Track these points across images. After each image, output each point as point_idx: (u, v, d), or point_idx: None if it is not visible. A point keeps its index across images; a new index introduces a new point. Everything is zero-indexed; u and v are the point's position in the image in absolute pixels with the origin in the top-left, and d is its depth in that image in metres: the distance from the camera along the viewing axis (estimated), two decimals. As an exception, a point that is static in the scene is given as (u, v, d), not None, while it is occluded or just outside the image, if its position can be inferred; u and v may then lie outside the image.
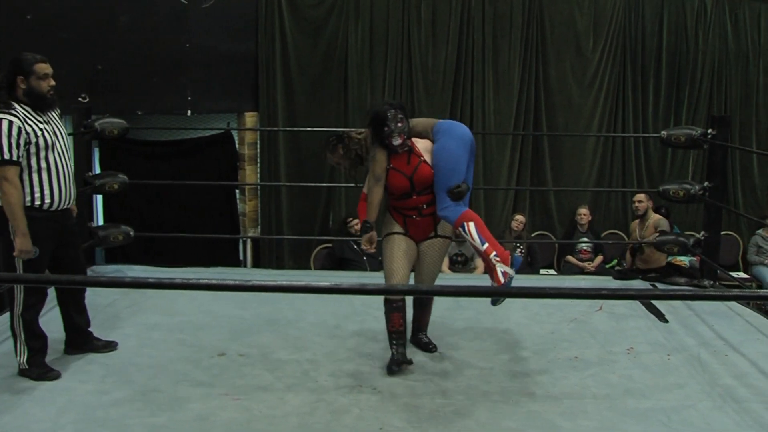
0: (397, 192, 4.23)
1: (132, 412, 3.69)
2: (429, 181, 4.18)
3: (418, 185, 4.19)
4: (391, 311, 4.25)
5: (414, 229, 4.30)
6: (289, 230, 8.21)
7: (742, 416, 3.74)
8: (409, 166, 4.19)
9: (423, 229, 4.30)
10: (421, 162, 4.18)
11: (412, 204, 4.24)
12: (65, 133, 4.19)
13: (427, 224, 4.30)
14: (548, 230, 8.68)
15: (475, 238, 4.02)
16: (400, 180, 4.19)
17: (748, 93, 8.71)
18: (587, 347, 4.66)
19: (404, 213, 4.28)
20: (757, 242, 8.72)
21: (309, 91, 8.11)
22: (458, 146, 4.14)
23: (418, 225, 4.28)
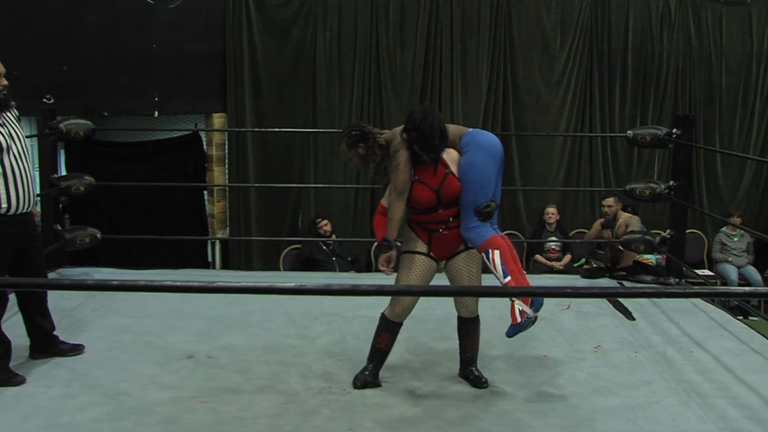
0: (421, 206, 3.89)
1: (99, 416, 3.66)
2: (456, 194, 3.85)
3: (444, 198, 3.86)
4: (384, 329, 4.02)
5: (439, 246, 3.95)
6: (258, 231, 8.18)
7: (707, 412, 3.79)
8: (436, 178, 3.85)
9: (450, 244, 3.96)
10: (448, 174, 3.85)
11: (438, 218, 3.90)
12: (23, 135, 4.12)
13: (455, 238, 3.94)
14: (517, 230, 8.74)
15: (498, 268, 3.73)
16: (425, 193, 3.85)
17: (711, 93, 8.83)
18: (555, 345, 4.70)
19: (429, 228, 3.93)
20: (721, 240, 8.86)
21: (277, 91, 8.08)
22: (487, 160, 3.85)
23: (445, 240, 3.94)
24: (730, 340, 4.86)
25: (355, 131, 4.01)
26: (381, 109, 8.25)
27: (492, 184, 3.85)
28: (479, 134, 3.95)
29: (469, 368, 4.14)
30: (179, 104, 7.90)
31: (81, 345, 4.46)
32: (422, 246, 3.95)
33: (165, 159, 8.24)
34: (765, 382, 4.15)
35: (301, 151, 8.23)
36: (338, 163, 8.19)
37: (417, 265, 3.93)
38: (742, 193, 9.04)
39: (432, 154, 3.81)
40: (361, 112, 8.20)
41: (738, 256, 8.79)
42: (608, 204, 7.49)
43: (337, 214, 8.27)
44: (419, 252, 3.94)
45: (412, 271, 3.92)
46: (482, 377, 4.10)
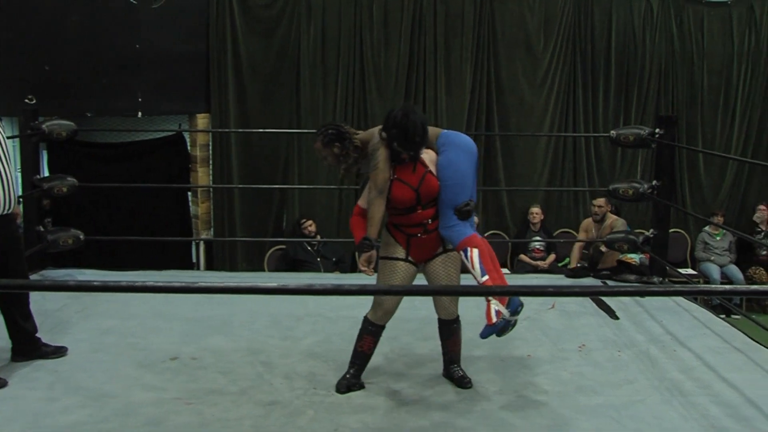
0: (401, 206, 3.84)
1: (82, 418, 3.64)
2: (435, 193, 3.83)
3: (424, 198, 3.82)
4: (366, 332, 3.99)
5: (418, 250, 3.92)
6: (243, 232, 8.16)
7: (689, 410, 3.82)
8: (415, 177, 3.81)
9: (428, 247, 3.93)
10: (427, 173, 3.82)
11: (417, 219, 3.86)
12: (4, 136, 4.09)
13: (434, 241, 3.91)
14: (501, 230, 8.76)
15: (476, 267, 3.68)
16: (405, 192, 3.81)
17: (693, 93, 8.90)
18: (540, 345, 4.72)
19: (407, 232, 3.90)
20: (704, 239, 8.93)
21: (261, 92, 8.07)
22: (465, 160, 3.83)
23: (424, 244, 3.91)
24: (713, 338, 4.89)
25: (332, 130, 3.97)
26: (365, 110, 8.26)
27: (470, 183, 3.84)
28: (454, 135, 3.94)
29: (453, 368, 4.13)
30: (163, 105, 7.86)
31: (64, 347, 4.43)
32: (401, 251, 3.92)
33: (149, 160, 8.21)
34: (746, 380, 4.18)
35: (285, 151, 8.22)
36: (322, 164, 8.16)
37: (397, 272, 3.91)
38: (724, 193, 9.12)
39: (412, 152, 3.80)
40: (345, 113, 8.20)
41: (720, 255, 8.85)
42: (599, 204, 7.48)
43: (322, 214, 8.26)
44: (397, 258, 3.92)
45: (392, 278, 3.90)
46: (466, 377, 4.09)
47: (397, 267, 3.91)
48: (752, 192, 9.24)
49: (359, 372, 4.04)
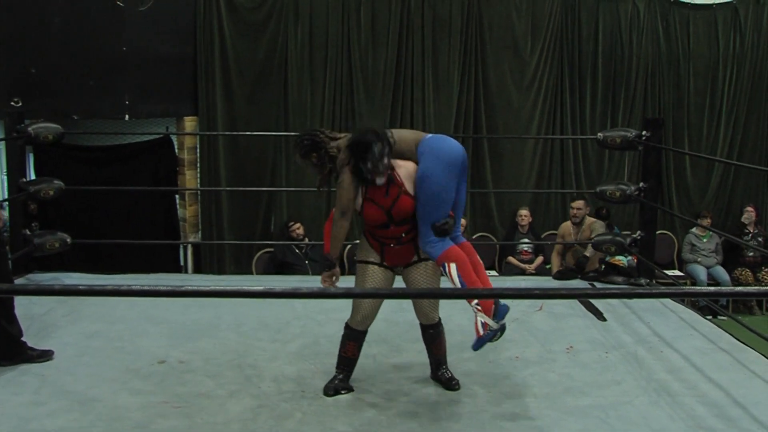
0: (373, 223, 3.82)
1: (69, 423, 3.62)
2: (409, 213, 3.74)
3: (396, 217, 3.76)
4: (348, 338, 4.00)
5: (392, 257, 3.91)
6: (230, 235, 8.14)
7: (676, 410, 3.84)
8: (387, 199, 3.73)
9: (402, 256, 3.91)
10: (402, 193, 3.72)
11: (390, 234, 3.83)
12: None
13: (407, 251, 3.89)
14: (489, 232, 8.78)
15: (455, 281, 3.60)
16: (376, 212, 3.76)
17: (680, 96, 8.95)
18: (528, 346, 4.73)
19: (381, 240, 3.87)
20: (690, 241, 8.97)
21: (249, 94, 8.05)
22: (444, 171, 3.66)
23: (398, 253, 3.89)
24: (699, 339, 4.92)
25: (307, 140, 3.91)
26: (353, 111, 8.25)
27: (450, 197, 3.72)
28: (437, 141, 3.79)
29: (441, 371, 4.13)
30: (150, 107, 7.83)
31: (50, 351, 4.40)
32: (375, 256, 3.93)
33: (136, 163, 8.16)
34: (732, 381, 4.21)
35: (273, 154, 8.20)
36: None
37: (371, 276, 3.91)
38: (711, 194, 9.18)
39: (367, 180, 3.69)
40: (333, 115, 8.19)
41: (707, 257, 8.90)
42: (578, 206, 7.53)
43: (310, 217, 8.24)
44: (372, 262, 3.93)
45: (367, 282, 3.91)
46: (454, 379, 4.09)
47: (370, 270, 3.92)
48: (738, 193, 9.30)
49: (347, 376, 4.04)
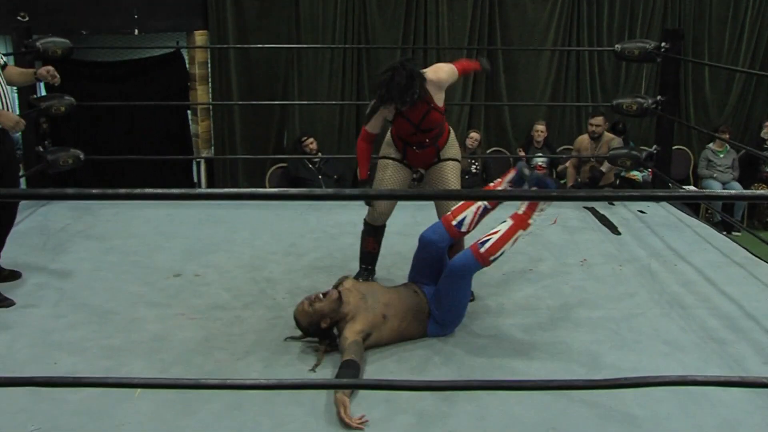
0: (400, 134, 3.96)
1: (89, 334, 3.68)
2: (436, 124, 3.87)
3: (424, 127, 3.87)
4: (367, 233, 4.19)
5: (413, 159, 4.04)
6: (243, 150, 8.12)
7: (688, 322, 3.86)
8: (416, 114, 3.81)
9: (424, 158, 4.03)
10: (431, 110, 3.83)
11: (415, 140, 3.94)
12: None
13: (429, 154, 4.00)
14: (503, 146, 8.71)
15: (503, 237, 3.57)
16: (405, 126, 3.88)
17: (701, 7, 8.70)
18: (541, 260, 4.74)
19: (405, 142, 3.97)
20: (707, 156, 8.88)
21: (259, 7, 7.90)
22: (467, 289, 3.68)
23: (419, 156, 4.01)
24: (714, 253, 4.91)
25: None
26: (365, 24, 8.09)
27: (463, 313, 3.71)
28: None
29: None
30: (159, 22, 7.70)
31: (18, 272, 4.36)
32: (397, 153, 4.05)
33: (146, 78, 8.09)
34: (745, 293, 4.22)
35: (285, 68, 8.10)
36: (323, 80, 8.09)
37: (391, 171, 4.04)
38: (729, 109, 9.02)
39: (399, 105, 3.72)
40: (345, 28, 8.05)
41: (723, 173, 8.82)
42: (597, 123, 7.38)
43: (323, 132, 8.20)
44: (393, 158, 4.05)
45: (386, 177, 4.04)
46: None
47: (391, 165, 4.05)
48: (758, 109, 9.13)
49: (371, 270, 4.24)
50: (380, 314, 3.50)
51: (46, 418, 2.94)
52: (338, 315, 3.46)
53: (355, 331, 3.39)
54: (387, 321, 3.50)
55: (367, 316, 3.47)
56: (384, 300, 3.57)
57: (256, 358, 3.45)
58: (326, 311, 3.44)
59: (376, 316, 3.49)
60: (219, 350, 3.52)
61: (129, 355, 3.47)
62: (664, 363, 3.44)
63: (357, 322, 3.43)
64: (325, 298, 3.46)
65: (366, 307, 3.50)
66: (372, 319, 3.47)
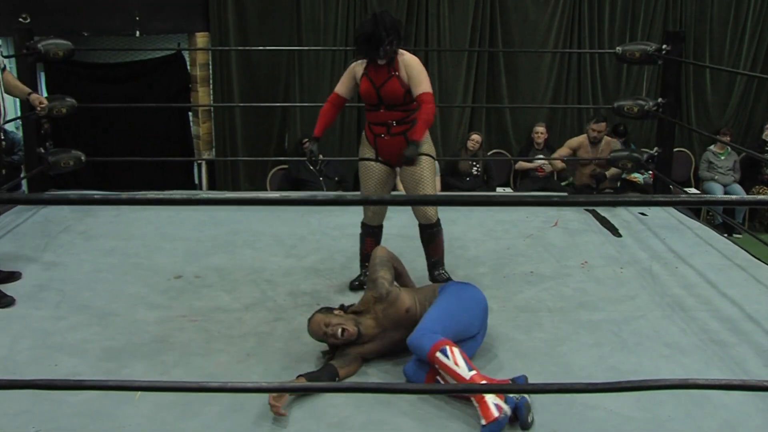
0: (365, 100, 4.01)
1: (89, 336, 3.68)
2: (398, 98, 3.91)
3: (385, 98, 3.92)
4: (365, 235, 4.23)
5: (385, 151, 4.05)
6: (244, 152, 8.13)
7: (689, 324, 3.85)
8: (379, 77, 3.91)
9: (394, 149, 4.01)
10: (393, 76, 3.90)
11: (381, 119, 3.98)
12: None
13: (399, 144, 3.98)
14: (504, 148, 8.71)
15: (460, 364, 2.99)
16: (369, 90, 3.95)
17: (702, 9, 8.69)
18: (542, 262, 4.74)
19: (374, 131, 4.03)
20: (708, 158, 8.88)
21: (260, 8, 7.90)
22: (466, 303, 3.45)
23: (389, 145, 4.01)
24: (715, 255, 4.91)
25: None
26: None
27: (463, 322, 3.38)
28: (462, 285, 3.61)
29: (437, 273, 4.18)
30: (161, 23, 7.71)
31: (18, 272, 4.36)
32: (370, 151, 4.11)
33: (148, 80, 8.10)
34: (746, 296, 4.21)
35: (286, 70, 8.11)
36: (324, 82, 8.09)
37: (370, 172, 4.11)
38: (730, 112, 9.02)
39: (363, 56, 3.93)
40: (347, 30, 8.05)
41: (724, 175, 8.82)
42: (599, 129, 7.30)
43: (324, 133, 8.16)
44: (369, 159, 4.11)
45: (366, 178, 4.13)
46: (450, 279, 4.14)
47: (369, 167, 4.12)
48: (759, 111, 9.13)
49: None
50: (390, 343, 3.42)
51: (47, 420, 2.94)
52: (352, 344, 3.38)
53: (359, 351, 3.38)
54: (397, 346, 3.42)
55: (378, 344, 3.41)
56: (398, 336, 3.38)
57: (257, 360, 3.45)
58: (339, 344, 3.37)
59: (385, 345, 3.42)
60: (220, 352, 3.52)
61: (130, 357, 3.47)
62: (665, 365, 3.44)
63: (366, 346, 3.39)
64: (342, 336, 3.30)
65: (382, 337, 3.41)
66: (381, 347, 3.41)
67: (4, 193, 2.53)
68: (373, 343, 3.41)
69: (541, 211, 5.63)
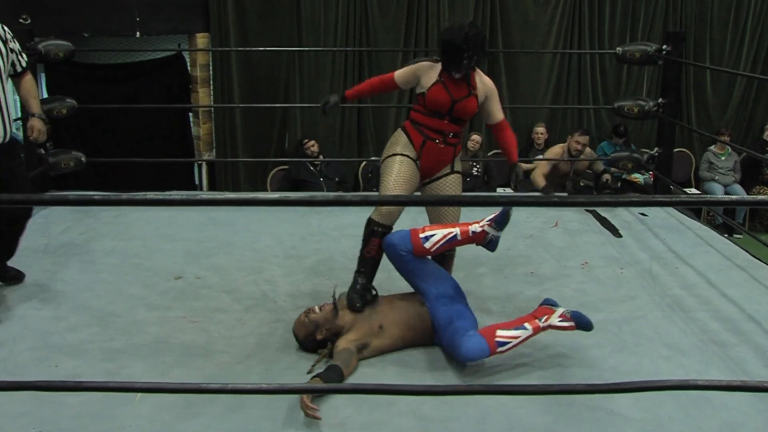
0: (431, 106, 3.73)
1: (89, 336, 3.68)
2: (468, 115, 3.79)
3: (457, 113, 3.73)
4: (372, 234, 3.74)
5: (429, 157, 3.77)
6: (245, 153, 8.13)
7: (689, 325, 3.85)
8: (458, 91, 3.72)
9: (439, 159, 3.79)
10: (472, 95, 3.76)
11: (441, 127, 3.75)
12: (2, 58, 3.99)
13: (446, 155, 3.79)
14: (505, 149, 8.69)
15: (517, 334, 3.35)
16: (443, 97, 3.71)
17: (702, 9, 8.70)
18: (543, 262, 4.74)
19: (427, 134, 3.76)
20: (708, 159, 8.88)
21: (261, 9, 7.91)
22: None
23: (437, 153, 3.76)
24: (715, 256, 4.91)
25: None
26: (367, 27, 8.11)
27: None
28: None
29: None
30: (161, 24, 7.71)
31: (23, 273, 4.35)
32: (410, 152, 3.76)
33: (148, 81, 8.11)
34: (746, 296, 4.22)
35: (286, 70, 8.11)
36: (324, 82, 8.09)
37: (399, 165, 3.73)
38: (731, 112, 9.02)
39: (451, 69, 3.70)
40: (347, 31, 8.06)
41: (725, 175, 8.81)
42: (584, 142, 7.28)
43: (324, 134, 8.21)
44: (404, 154, 3.75)
45: (394, 172, 3.72)
46: None
47: (399, 160, 3.75)
48: (760, 111, 9.13)
49: (369, 280, 3.77)
50: (376, 324, 3.51)
51: (48, 421, 2.94)
52: (334, 327, 3.48)
53: (348, 339, 3.41)
54: (384, 330, 3.50)
55: (362, 327, 3.48)
56: (382, 309, 3.58)
57: (257, 361, 3.45)
58: (321, 321, 3.47)
59: (372, 326, 3.50)
60: (220, 353, 3.53)
61: (130, 358, 3.48)
62: (665, 366, 3.44)
63: (351, 333, 3.46)
64: (321, 310, 3.51)
65: (363, 318, 3.53)
66: (367, 329, 3.48)
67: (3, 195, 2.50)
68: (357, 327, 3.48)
69: (541, 212, 5.63)
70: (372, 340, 3.46)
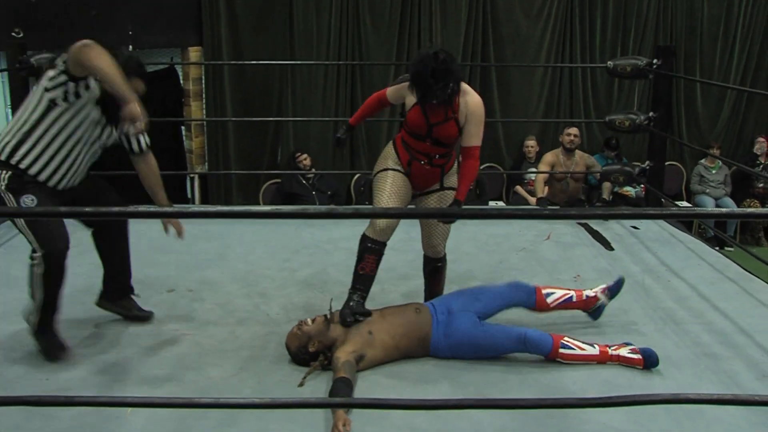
0: (412, 128, 3.68)
1: (81, 350, 3.66)
2: (450, 140, 3.67)
3: (434, 135, 3.65)
4: (367, 251, 3.71)
5: (417, 174, 3.76)
6: (237, 166, 8.13)
7: (682, 338, 3.86)
8: (436, 116, 3.62)
9: (427, 178, 3.78)
10: (450, 119, 3.63)
11: (423, 149, 3.70)
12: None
13: (434, 175, 3.78)
14: (496, 162, 8.73)
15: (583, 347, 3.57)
16: (419, 120, 3.64)
17: (693, 23, 8.76)
18: (535, 275, 4.73)
19: (413, 154, 3.73)
20: (699, 172, 8.92)
21: (254, 23, 7.93)
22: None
23: (423, 172, 3.75)
24: (707, 269, 4.92)
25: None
26: (359, 41, 8.13)
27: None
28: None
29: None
30: (154, 38, 7.71)
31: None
32: (401, 167, 3.77)
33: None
34: (739, 309, 4.23)
35: (279, 84, 8.13)
36: (316, 96, 8.11)
37: (392, 180, 3.73)
38: (721, 125, 9.07)
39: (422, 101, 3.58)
40: (339, 44, 8.08)
41: (715, 188, 8.86)
42: (574, 133, 7.37)
43: (316, 148, 8.22)
44: (394, 168, 3.76)
45: (386, 186, 3.72)
46: None
47: (391, 175, 3.75)
48: (750, 124, 9.19)
49: (363, 297, 3.73)
50: (365, 330, 3.52)
51: (38, 436, 2.92)
52: (327, 339, 3.48)
53: (346, 351, 3.40)
54: (374, 336, 3.50)
55: (355, 338, 3.49)
56: (373, 319, 3.59)
57: (250, 375, 3.44)
58: (313, 333, 3.48)
59: (362, 333, 3.51)
60: (212, 366, 3.51)
61: (121, 371, 3.46)
62: (657, 379, 3.44)
63: (348, 344, 3.45)
64: (313, 322, 3.53)
65: (354, 329, 3.54)
66: (360, 339, 3.48)
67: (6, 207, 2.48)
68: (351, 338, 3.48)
69: (533, 225, 5.65)
70: (367, 351, 3.46)
